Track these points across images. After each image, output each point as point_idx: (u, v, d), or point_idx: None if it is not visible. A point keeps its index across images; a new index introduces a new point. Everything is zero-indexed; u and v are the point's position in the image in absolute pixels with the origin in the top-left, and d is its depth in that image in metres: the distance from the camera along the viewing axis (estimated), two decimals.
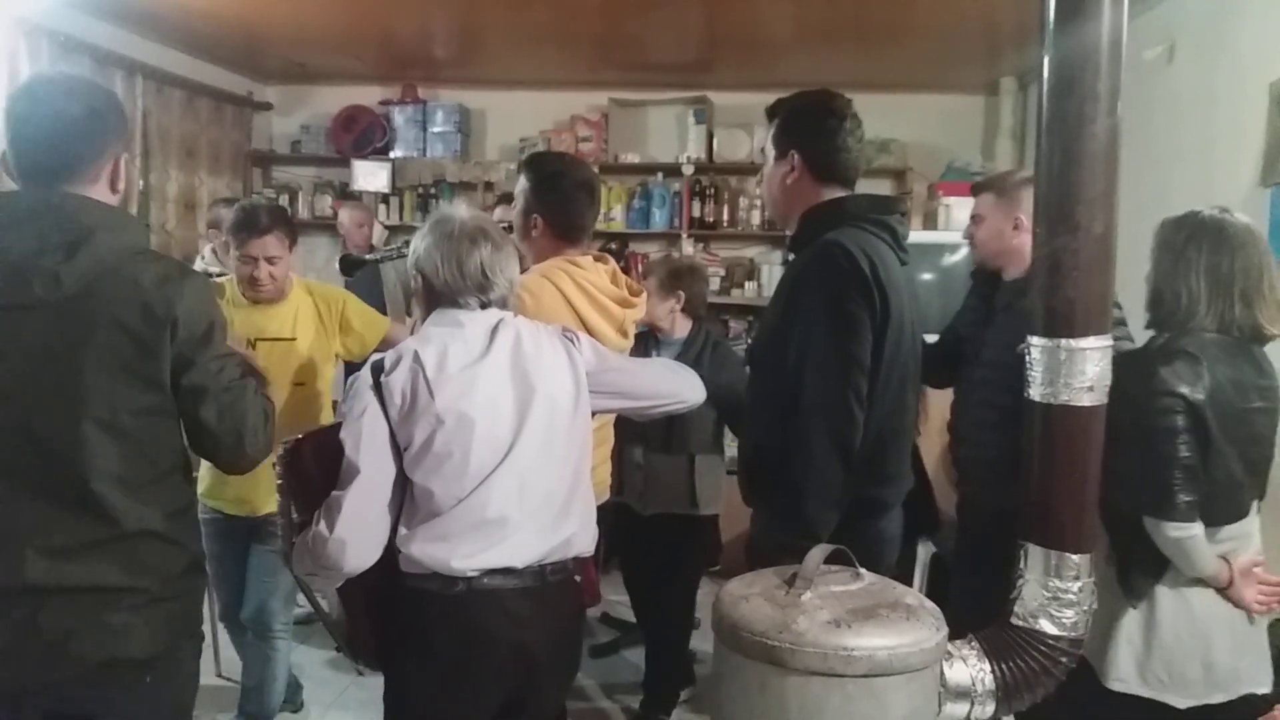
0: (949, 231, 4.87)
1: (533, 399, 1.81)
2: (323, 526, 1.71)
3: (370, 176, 5.89)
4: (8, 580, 1.54)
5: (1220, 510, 1.98)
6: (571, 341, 1.94)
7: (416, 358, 1.76)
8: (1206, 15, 3.67)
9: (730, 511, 3.21)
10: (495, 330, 1.85)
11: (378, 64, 5.66)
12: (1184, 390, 1.89)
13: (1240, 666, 2.02)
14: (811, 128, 2.08)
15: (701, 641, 3.66)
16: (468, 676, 1.81)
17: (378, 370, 1.77)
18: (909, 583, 2.37)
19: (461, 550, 1.75)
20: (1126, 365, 1.78)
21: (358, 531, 1.72)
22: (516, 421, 1.80)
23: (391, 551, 1.78)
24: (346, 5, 4.42)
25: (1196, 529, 1.92)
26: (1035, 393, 1.63)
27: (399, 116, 6.01)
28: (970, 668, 1.59)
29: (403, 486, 1.78)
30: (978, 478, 2.54)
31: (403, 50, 5.41)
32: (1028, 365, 1.65)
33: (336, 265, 4.21)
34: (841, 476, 1.91)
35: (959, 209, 4.94)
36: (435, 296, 1.88)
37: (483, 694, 1.84)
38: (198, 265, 4.04)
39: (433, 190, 5.99)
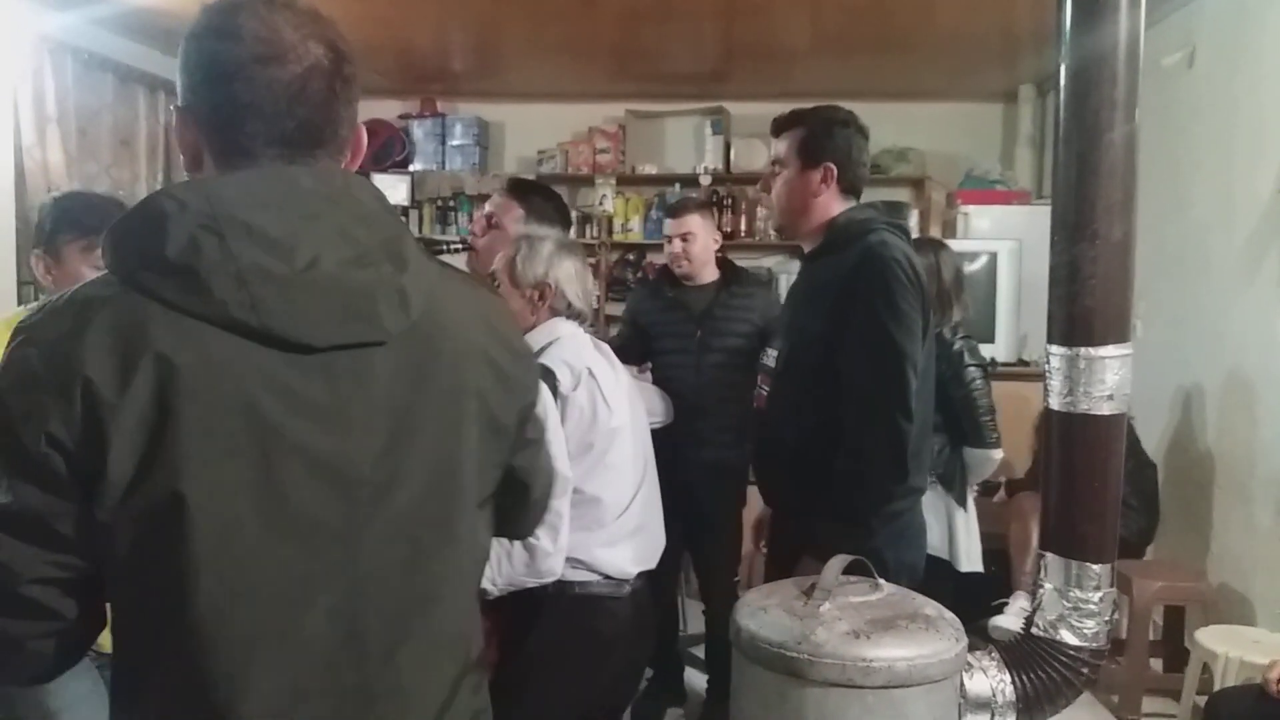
0: (968, 240, 4.86)
1: (640, 414, 2.08)
2: (546, 541, 1.73)
3: (390, 190, 5.91)
4: None
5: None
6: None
7: (591, 374, 1.88)
8: (1227, 21, 3.64)
9: None
10: (594, 349, 2.01)
11: (396, 78, 5.70)
12: (977, 360, 3.00)
13: None
14: (844, 140, 2.12)
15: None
16: (635, 671, 2.09)
17: (551, 382, 1.80)
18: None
19: (628, 555, 1.95)
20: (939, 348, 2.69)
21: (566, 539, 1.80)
22: (642, 435, 2.06)
23: None
24: (365, 20, 4.45)
25: (1000, 451, 3.02)
26: (1054, 402, 1.62)
27: (418, 130, 6.05)
28: (990, 679, 1.57)
29: None
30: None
31: (421, 64, 5.45)
32: (1046, 374, 1.64)
33: None
34: (903, 469, 1.95)
35: (978, 217, 4.93)
36: (556, 313, 1.98)
37: (632, 689, 2.14)
38: None
39: (451, 203, 6.02)
